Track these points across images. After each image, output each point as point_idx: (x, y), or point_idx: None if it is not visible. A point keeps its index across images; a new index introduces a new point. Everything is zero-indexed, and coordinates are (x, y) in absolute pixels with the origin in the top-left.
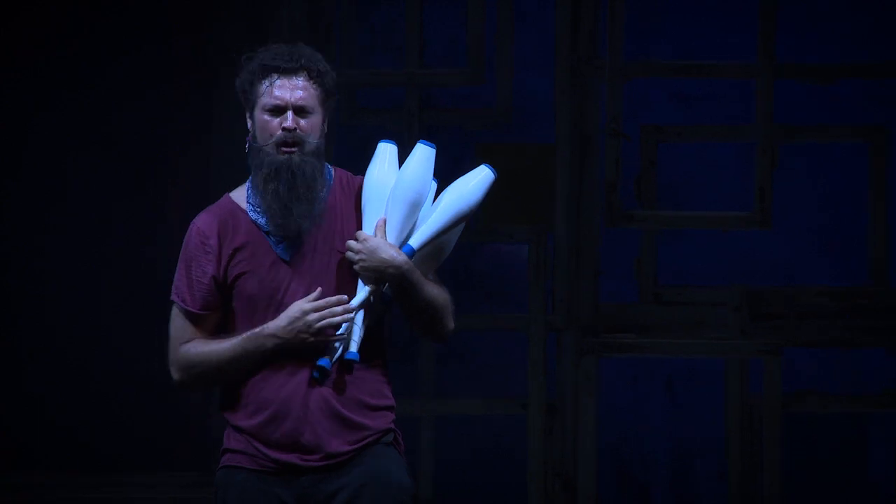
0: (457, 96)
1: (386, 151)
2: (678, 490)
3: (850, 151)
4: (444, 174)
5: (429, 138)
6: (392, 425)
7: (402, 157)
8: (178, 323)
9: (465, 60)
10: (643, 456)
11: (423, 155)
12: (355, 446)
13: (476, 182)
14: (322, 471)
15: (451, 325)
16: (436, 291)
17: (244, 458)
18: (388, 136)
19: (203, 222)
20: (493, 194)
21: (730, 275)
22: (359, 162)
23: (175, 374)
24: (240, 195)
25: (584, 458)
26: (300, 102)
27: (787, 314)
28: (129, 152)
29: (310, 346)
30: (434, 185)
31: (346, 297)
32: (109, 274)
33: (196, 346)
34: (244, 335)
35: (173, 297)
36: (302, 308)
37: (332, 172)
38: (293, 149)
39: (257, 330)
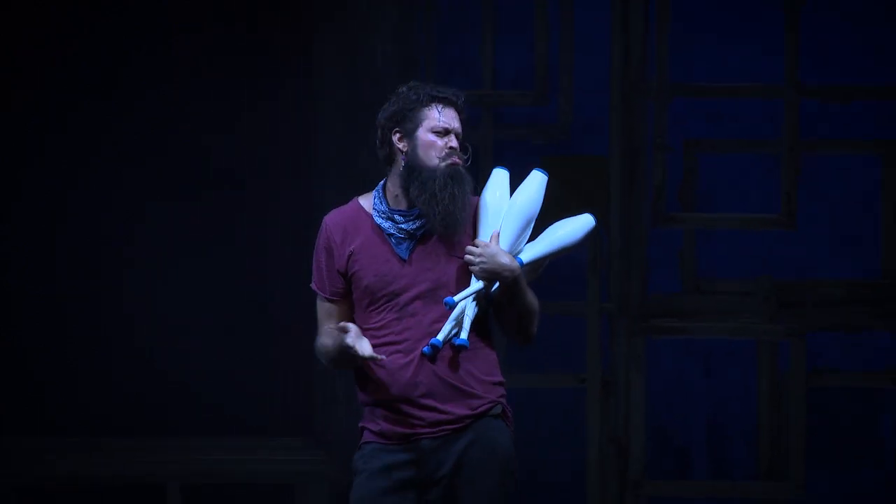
0: (524, 115)
1: (500, 176)
2: (714, 454)
3: (865, 162)
4: (512, 183)
5: (498, 151)
6: (502, 400)
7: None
8: (319, 308)
9: (532, 84)
10: (684, 424)
11: (538, 180)
12: (471, 412)
13: (582, 226)
14: (438, 438)
15: (535, 330)
16: (533, 299)
17: (372, 435)
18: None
19: (331, 222)
20: (555, 199)
21: (759, 268)
22: None
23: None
24: (367, 201)
25: (635, 425)
26: (458, 129)
27: (810, 303)
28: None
29: (423, 330)
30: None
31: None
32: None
33: (319, 339)
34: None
35: (312, 286)
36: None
37: None
38: (458, 161)
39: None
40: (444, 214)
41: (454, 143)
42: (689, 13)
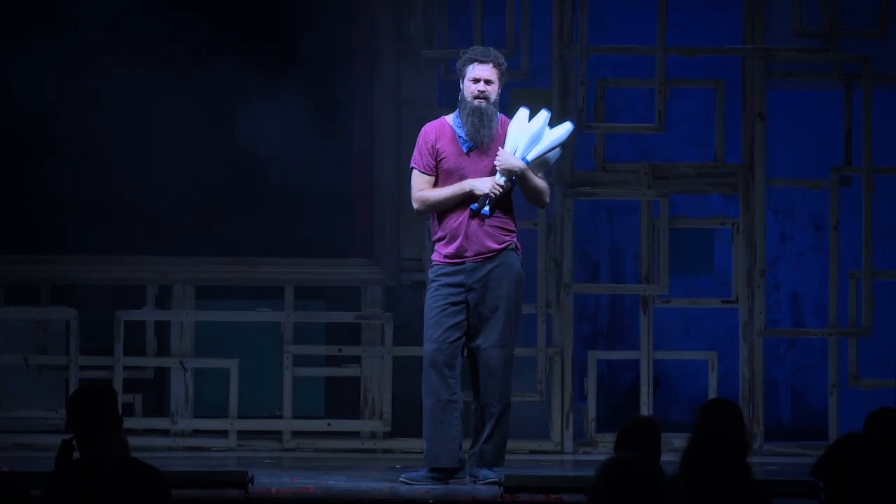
0: None
1: (521, 112)
2: (614, 267)
3: (706, 93)
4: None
5: None
6: (514, 239)
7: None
8: (416, 180)
9: (504, 46)
10: (596, 249)
11: (543, 118)
12: (497, 246)
13: (566, 131)
14: (478, 262)
15: (547, 201)
16: (540, 183)
17: (439, 257)
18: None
19: (428, 129)
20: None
21: (642, 156)
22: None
23: (415, 206)
24: (450, 117)
25: (566, 250)
26: (488, 77)
27: (671, 177)
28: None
29: (474, 197)
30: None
31: (500, 180)
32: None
33: (427, 192)
34: (455, 185)
35: (413, 164)
36: (484, 180)
37: (499, 117)
38: (483, 101)
39: (462, 183)
40: (468, 131)
41: (481, 86)
42: (603, 1)
